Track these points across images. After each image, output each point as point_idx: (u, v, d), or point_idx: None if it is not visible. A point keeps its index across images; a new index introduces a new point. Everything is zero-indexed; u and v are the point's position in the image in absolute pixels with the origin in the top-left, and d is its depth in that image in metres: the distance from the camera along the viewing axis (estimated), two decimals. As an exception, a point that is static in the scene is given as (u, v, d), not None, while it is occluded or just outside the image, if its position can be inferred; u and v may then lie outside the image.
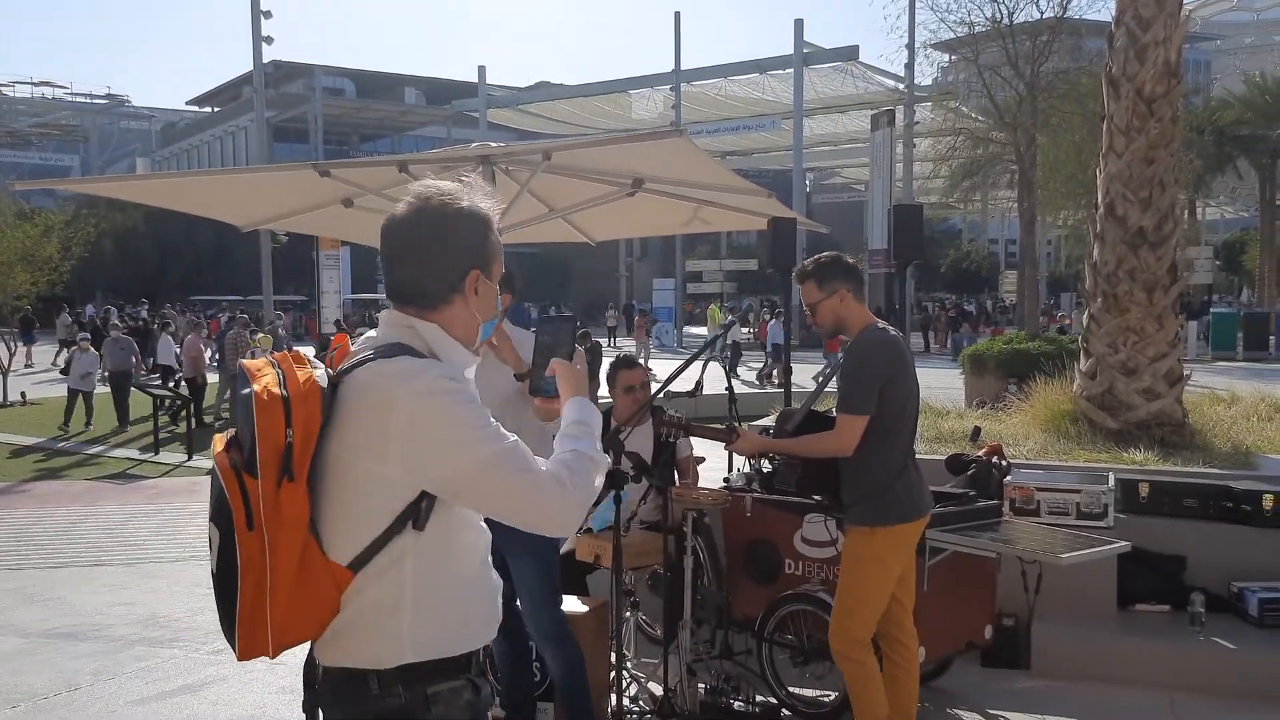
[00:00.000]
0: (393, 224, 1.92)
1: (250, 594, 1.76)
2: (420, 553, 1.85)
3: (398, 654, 1.85)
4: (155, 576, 7.68)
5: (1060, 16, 19.65)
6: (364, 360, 1.84)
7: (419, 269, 1.90)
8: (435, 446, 1.78)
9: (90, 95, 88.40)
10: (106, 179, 12.04)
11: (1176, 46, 7.49)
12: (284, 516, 1.76)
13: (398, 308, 1.94)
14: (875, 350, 3.82)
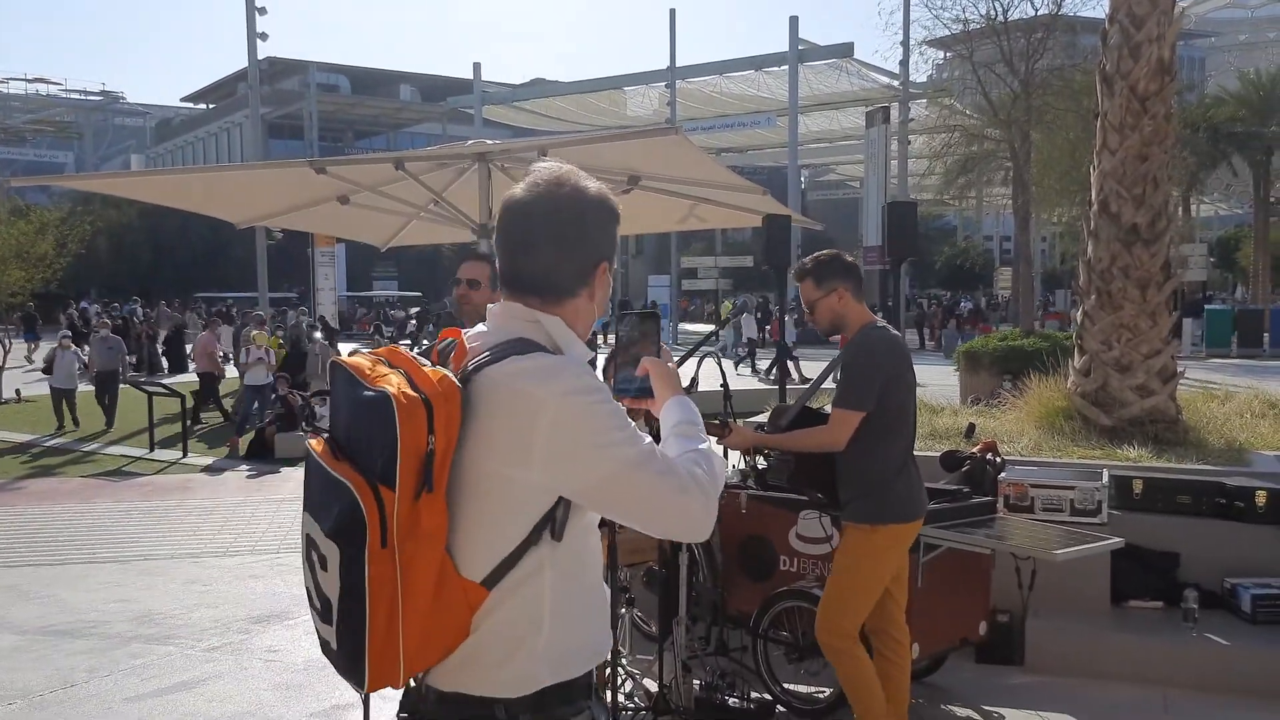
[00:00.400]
0: (522, 209, 1.76)
1: (382, 618, 1.60)
2: (557, 564, 1.71)
3: (533, 678, 1.70)
4: (150, 574, 7.68)
5: (1055, 14, 19.66)
6: (494, 357, 1.68)
7: (552, 259, 1.75)
8: (581, 449, 1.65)
9: (85, 92, 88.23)
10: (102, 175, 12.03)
11: (1170, 44, 7.50)
12: (423, 531, 1.60)
13: (515, 299, 1.78)
14: (878, 348, 3.83)
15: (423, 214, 6.53)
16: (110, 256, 47.42)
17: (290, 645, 5.96)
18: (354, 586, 1.59)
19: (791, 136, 35.79)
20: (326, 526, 1.63)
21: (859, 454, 3.80)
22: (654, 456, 1.69)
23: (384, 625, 1.60)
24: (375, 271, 55.26)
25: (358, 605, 1.59)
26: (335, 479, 1.63)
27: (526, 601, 1.69)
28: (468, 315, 4.13)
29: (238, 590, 7.21)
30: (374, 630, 1.60)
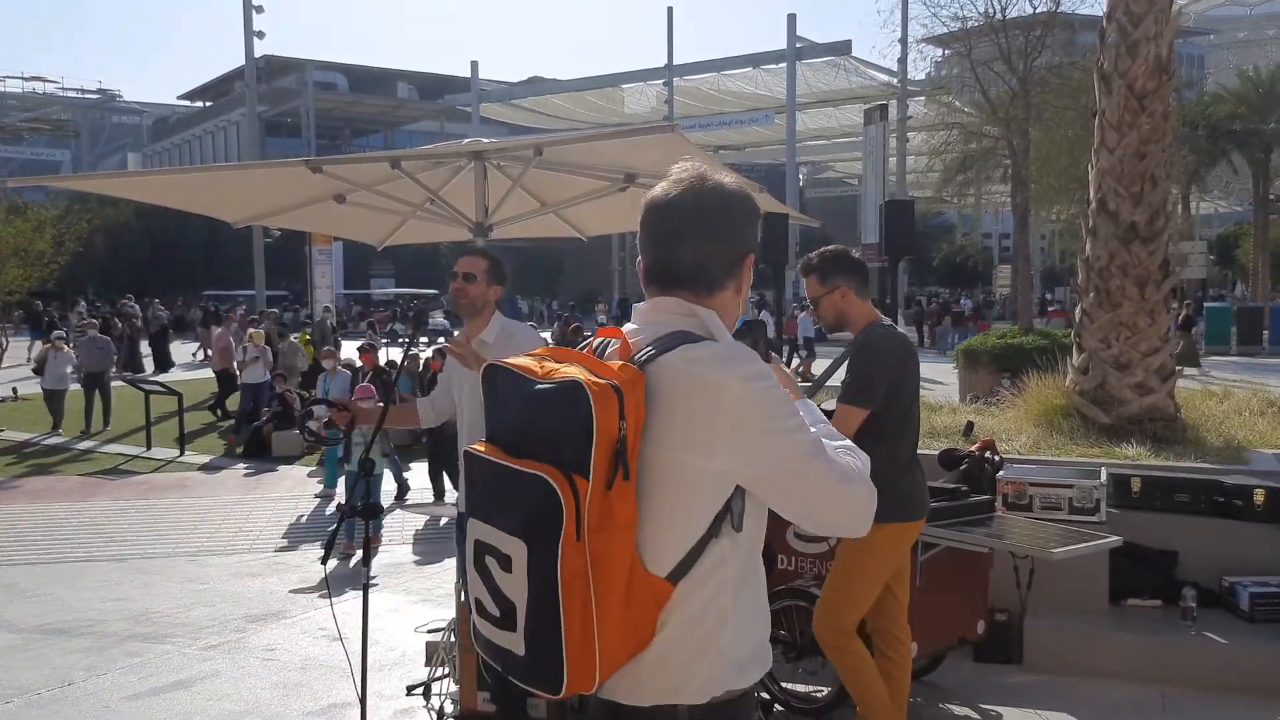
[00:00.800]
0: (669, 205, 1.74)
1: (577, 616, 1.53)
2: (737, 557, 1.67)
3: (721, 680, 1.65)
4: (147, 572, 7.67)
5: (1053, 11, 19.66)
6: (664, 347, 1.64)
7: (706, 250, 1.74)
8: (762, 435, 1.61)
9: (82, 90, 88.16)
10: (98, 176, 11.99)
11: (1168, 42, 7.49)
12: (616, 522, 1.55)
13: (665, 293, 1.76)
14: (882, 346, 3.82)
15: (419, 212, 6.50)
16: (107, 254, 47.39)
17: (288, 643, 5.95)
18: (547, 584, 1.52)
19: (790, 134, 35.79)
20: (512, 524, 1.57)
21: (868, 451, 3.78)
22: (821, 447, 1.68)
23: (579, 624, 1.53)
24: (373, 269, 55.25)
25: (551, 603, 1.52)
26: (523, 473, 1.57)
27: (711, 597, 1.65)
28: (463, 309, 4.13)
29: (235, 589, 7.20)
30: (570, 629, 1.52)
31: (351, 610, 5.70)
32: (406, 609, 6.61)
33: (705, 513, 1.63)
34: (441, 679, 4.91)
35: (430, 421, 4.43)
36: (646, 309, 1.78)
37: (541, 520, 1.53)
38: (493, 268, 4.13)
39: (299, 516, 9.63)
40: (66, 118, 75.85)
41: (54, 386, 15.18)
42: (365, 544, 3.99)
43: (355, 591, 6.65)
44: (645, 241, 1.78)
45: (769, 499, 1.69)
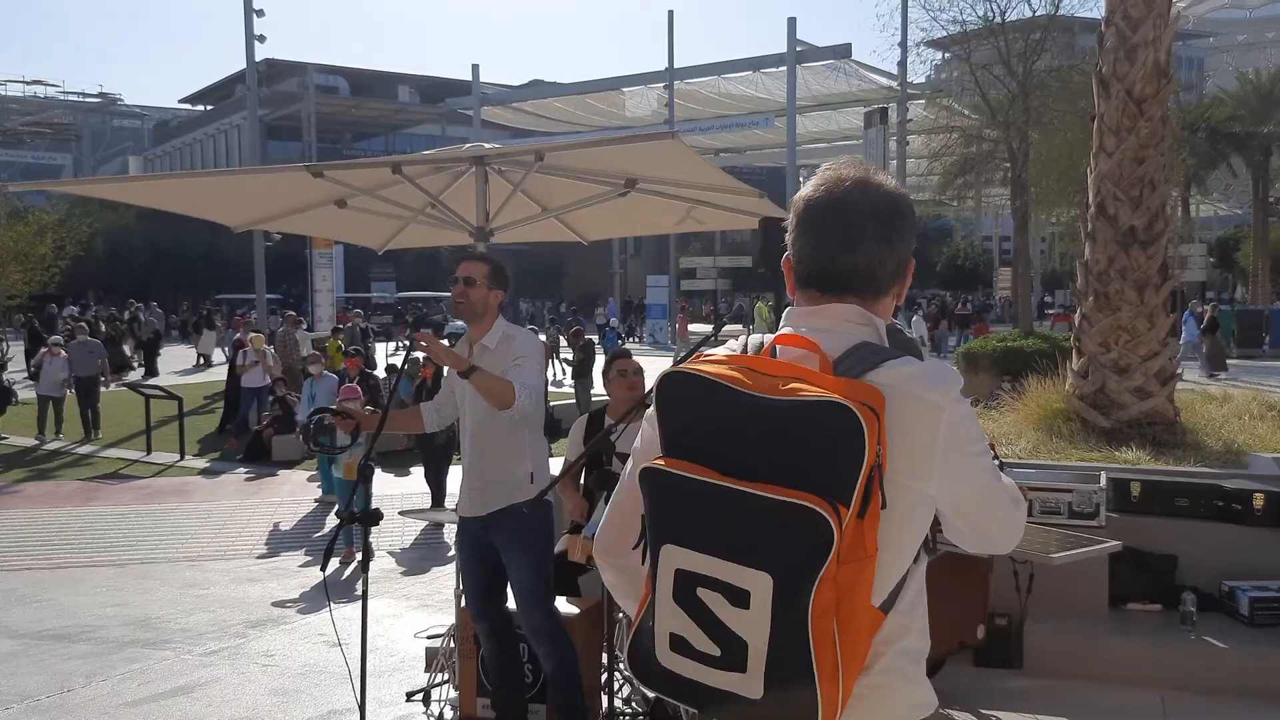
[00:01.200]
0: (836, 205, 1.62)
1: (829, 653, 1.42)
2: (921, 584, 1.63)
3: (927, 701, 1.62)
4: (147, 577, 7.67)
5: (1053, 14, 19.66)
6: (867, 362, 1.54)
7: (877, 253, 1.62)
8: (966, 458, 1.55)
9: (83, 94, 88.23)
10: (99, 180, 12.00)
11: (1166, 47, 7.50)
12: (867, 551, 1.44)
13: (834, 298, 1.64)
14: None
15: (420, 217, 6.51)
16: (108, 258, 47.39)
17: (287, 649, 5.96)
18: (796, 620, 1.40)
19: (790, 137, 35.75)
20: (758, 557, 1.41)
21: None
22: (998, 469, 1.63)
23: (830, 661, 1.41)
24: (373, 273, 55.26)
25: (801, 640, 1.40)
26: (785, 503, 1.40)
27: (912, 625, 1.61)
28: (464, 313, 4.13)
29: (235, 594, 7.20)
30: (821, 667, 1.40)
31: (351, 616, 5.70)
32: (406, 614, 6.61)
33: (918, 538, 1.58)
34: (441, 685, 4.91)
35: (434, 426, 4.44)
36: (816, 314, 1.64)
37: (805, 554, 1.40)
38: (494, 272, 4.13)
39: (299, 521, 9.63)
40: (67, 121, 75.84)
41: (49, 393, 14.98)
42: (364, 550, 3.99)
43: (355, 597, 6.65)
44: (806, 242, 1.65)
45: (958, 521, 1.62)
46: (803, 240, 1.67)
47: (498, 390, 3.75)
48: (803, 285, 1.68)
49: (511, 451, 4.04)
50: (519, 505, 3.97)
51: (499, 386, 3.75)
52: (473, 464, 4.13)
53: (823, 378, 1.48)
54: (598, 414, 5.30)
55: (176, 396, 14.10)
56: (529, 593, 4.09)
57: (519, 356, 3.94)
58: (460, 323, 4.37)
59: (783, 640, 1.41)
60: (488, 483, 4.07)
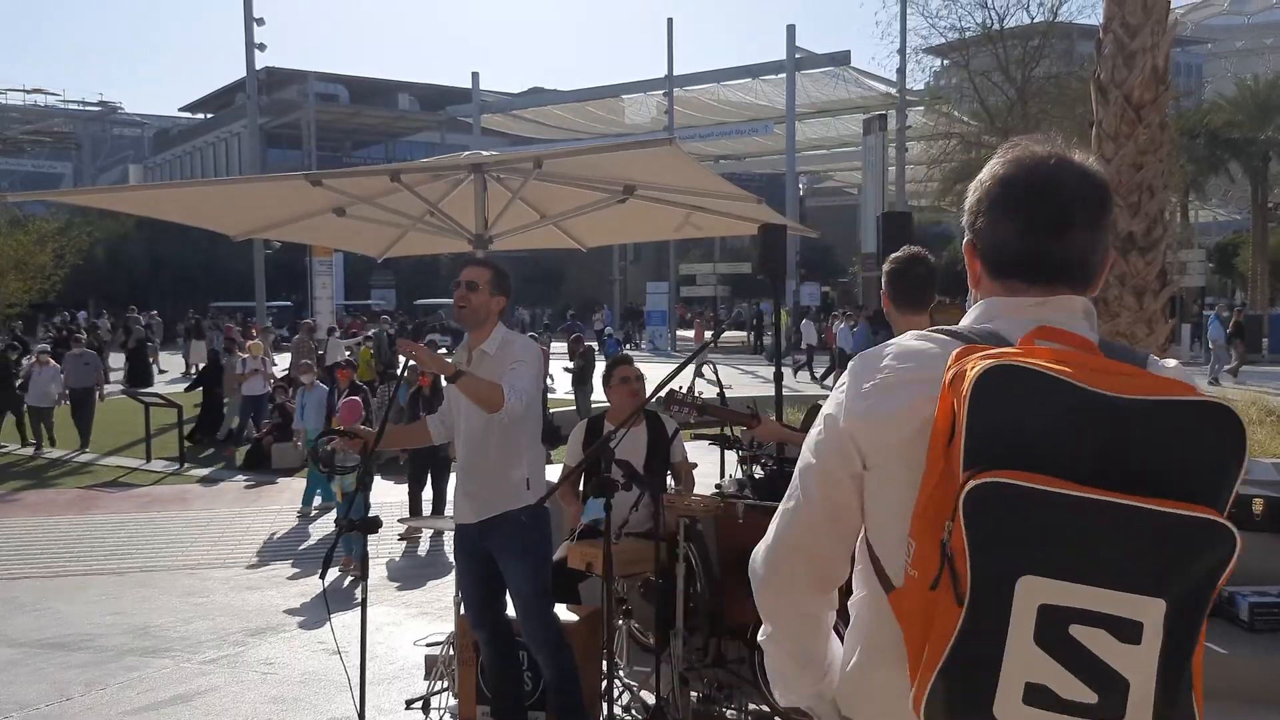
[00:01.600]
0: (1054, 180, 1.43)
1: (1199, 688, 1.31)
2: None
3: None
4: (147, 585, 7.67)
5: (1051, 21, 19.74)
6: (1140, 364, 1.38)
7: (1091, 240, 1.45)
8: None
9: (83, 102, 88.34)
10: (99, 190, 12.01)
11: (1164, 53, 7.51)
12: None
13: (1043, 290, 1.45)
14: None
15: (419, 225, 6.53)
16: (108, 267, 47.44)
17: (287, 657, 5.95)
18: (1184, 651, 1.24)
19: (789, 143, 35.83)
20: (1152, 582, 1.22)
21: None
22: None
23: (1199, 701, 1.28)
24: (373, 280, 55.30)
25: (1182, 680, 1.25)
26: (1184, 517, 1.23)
27: None
28: (466, 318, 4.13)
29: (234, 602, 7.19)
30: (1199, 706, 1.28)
31: (350, 624, 5.68)
32: (405, 622, 6.61)
33: None
34: (440, 693, 4.91)
35: (442, 437, 4.43)
36: (1048, 306, 1.44)
37: (1205, 575, 1.24)
38: (496, 278, 4.11)
39: (299, 529, 9.63)
40: (68, 130, 76.07)
41: (38, 403, 14.56)
42: (363, 558, 3.99)
43: (354, 605, 6.64)
44: (1008, 226, 1.45)
45: None
46: (1003, 224, 1.46)
47: (485, 394, 3.75)
48: (1001, 274, 1.48)
49: (506, 457, 4.03)
50: (516, 512, 3.97)
51: (486, 390, 3.75)
52: (467, 470, 4.13)
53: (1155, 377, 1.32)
54: (597, 419, 5.30)
55: (176, 404, 14.10)
56: (527, 600, 4.09)
57: (515, 361, 3.94)
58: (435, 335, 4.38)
59: (1167, 678, 1.24)
60: (483, 489, 4.07)
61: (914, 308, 3.72)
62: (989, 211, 1.48)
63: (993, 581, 1.23)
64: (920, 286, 3.78)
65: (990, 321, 1.46)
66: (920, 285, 3.79)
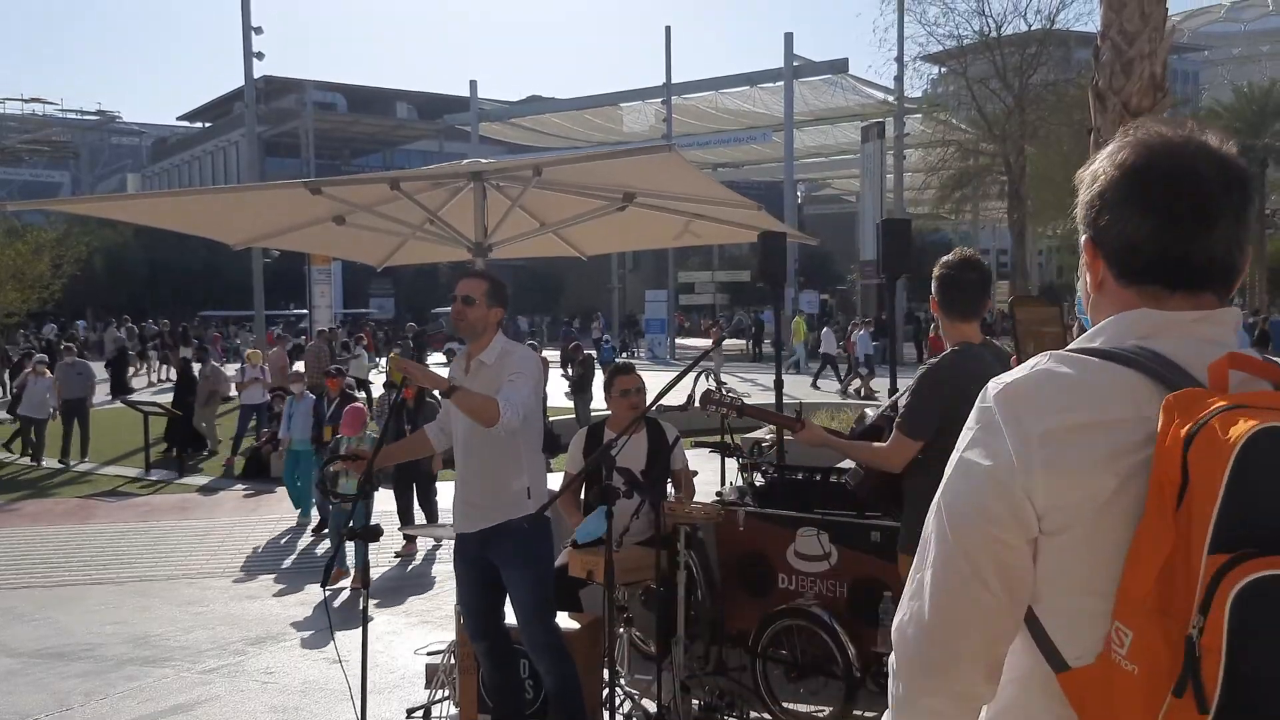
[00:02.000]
0: (1193, 168, 1.22)
1: None
2: None
3: None
4: (146, 595, 7.65)
5: (1048, 29, 19.79)
6: None
7: (1236, 237, 1.25)
8: None
9: (81, 111, 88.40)
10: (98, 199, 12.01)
11: (1162, 60, 7.52)
12: None
13: (1188, 297, 1.25)
14: (942, 376, 3.53)
15: (419, 233, 6.53)
16: (106, 276, 47.45)
17: (287, 667, 5.93)
18: None
19: (787, 151, 35.89)
20: None
21: (915, 481, 3.56)
22: None
23: None
24: (372, 289, 55.31)
25: None
26: None
27: None
28: (464, 331, 4.14)
29: (234, 611, 7.18)
30: None
31: (351, 633, 5.68)
32: (405, 631, 6.59)
33: None
34: (441, 701, 4.89)
35: (442, 444, 4.44)
36: (1210, 322, 1.25)
37: None
38: (492, 290, 4.12)
39: (298, 538, 9.61)
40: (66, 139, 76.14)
41: (31, 414, 14.21)
42: (364, 566, 3.98)
43: (355, 614, 6.63)
44: (1143, 223, 1.23)
45: None
46: (1135, 221, 1.24)
47: (480, 408, 3.75)
48: (1134, 279, 1.27)
49: (505, 467, 4.03)
50: (518, 521, 3.96)
51: (480, 403, 3.74)
52: (466, 480, 4.12)
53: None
54: (597, 427, 5.30)
55: (176, 413, 14.08)
56: (529, 610, 4.08)
57: (513, 373, 3.94)
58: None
59: None
60: (483, 499, 4.06)
61: (966, 316, 3.63)
62: (1116, 207, 1.26)
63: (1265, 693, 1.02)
64: (975, 293, 3.67)
65: (1146, 339, 1.24)
66: (975, 292, 3.68)
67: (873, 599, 4.63)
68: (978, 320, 3.66)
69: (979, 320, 3.67)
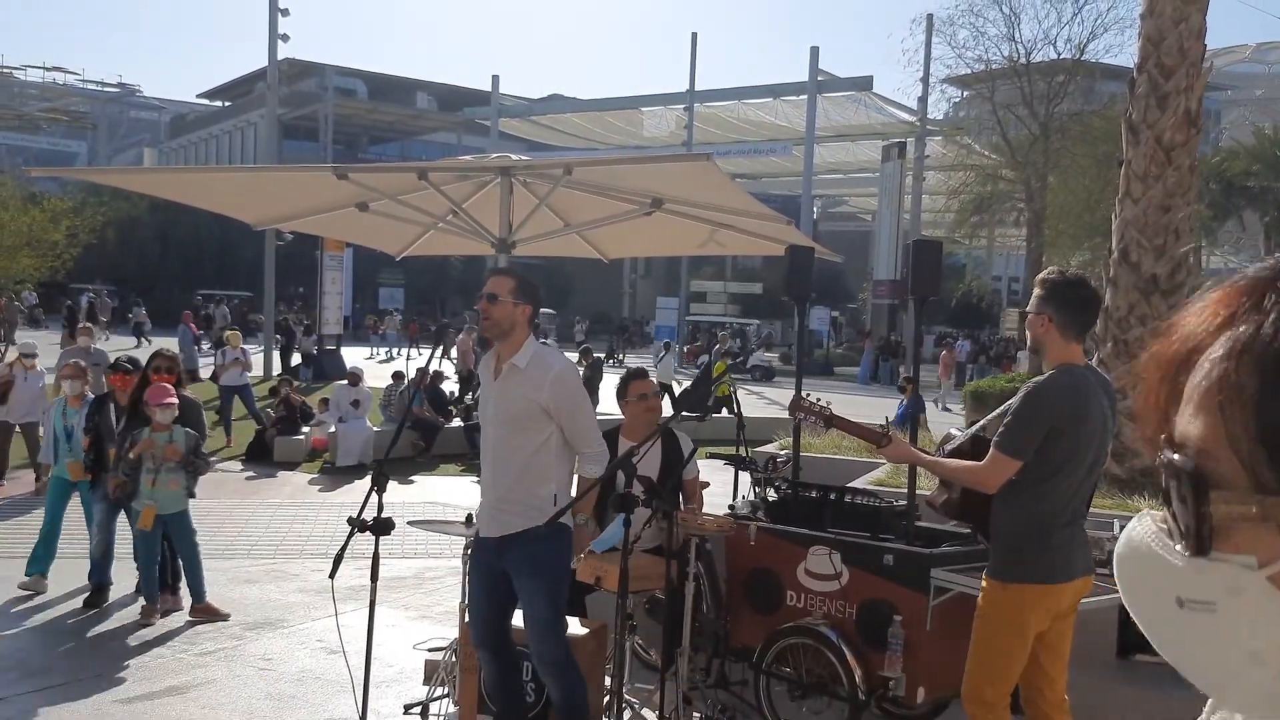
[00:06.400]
0: None
1: None
2: None
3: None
4: (145, 572, 7.59)
5: (1078, 58, 19.74)
6: None
7: None
8: None
9: (102, 83, 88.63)
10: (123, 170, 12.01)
11: (1198, 96, 7.49)
12: None
13: None
14: (1051, 396, 3.48)
15: (441, 225, 6.49)
16: (117, 248, 47.44)
17: (284, 654, 5.88)
18: None
19: (807, 166, 35.89)
20: None
21: (1009, 503, 3.52)
22: None
23: None
24: (382, 278, 55.29)
25: None
26: None
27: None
28: (489, 330, 4.07)
29: (232, 594, 7.13)
30: None
31: (349, 624, 5.63)
32: (405, 625, 6.54)
33: None
34: (440, 699, 4.84)
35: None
36: None
37: None
38: (519, 287, 4.00)
39: (299, 524, 9.56)
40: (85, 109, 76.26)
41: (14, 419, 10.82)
42: (374, 558, 3.93)
43: (354, 605, 6.57)
44: None
45: None
46: None
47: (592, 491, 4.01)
48: None
49: (535, 472, 3.94)
50: (537, 529, 3.88)
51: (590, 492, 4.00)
52: (493, 482, 4.04)
53: None
54: (611, 434, 5.25)
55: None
56: (541, 623, 4.00)
57: (568, 407, 3.94)
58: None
59: None
60: (509, 503, 3.98)
61: (1080, 335, 3.57)
62: None
63: None
64: (1093, 312, 3.66)
65: None
66: (1093, 311, 3.66)
67: (882, 622, 4.58)
68: (1083, 341, 3.63)
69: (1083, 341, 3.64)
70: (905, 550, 4.67)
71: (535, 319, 4.06)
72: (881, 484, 6.74)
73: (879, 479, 7.07)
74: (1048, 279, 3.61)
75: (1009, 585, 3.59)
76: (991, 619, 3.65)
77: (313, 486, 11.37)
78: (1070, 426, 3.49)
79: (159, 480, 6.32)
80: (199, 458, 6.61)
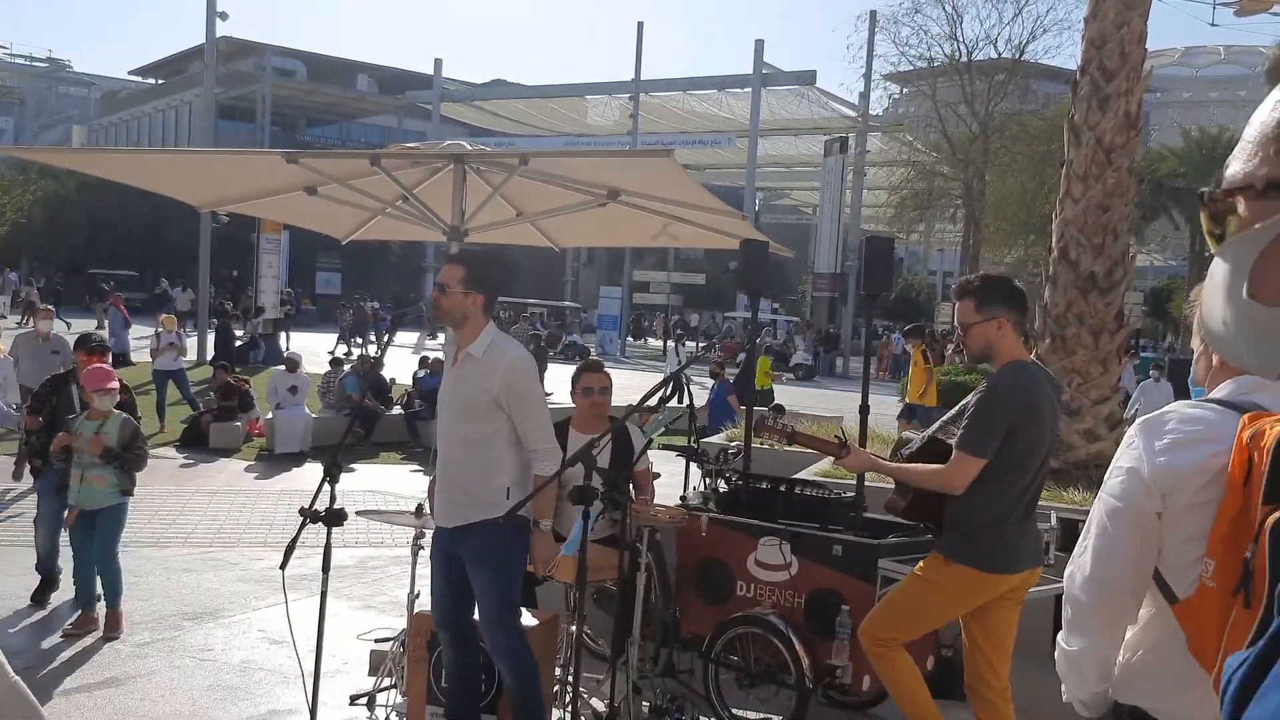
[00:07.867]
0: None
1: None
2: None
3: None
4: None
5: (1017, 58, 20.12)
6: None
7: None
8: None
9: (30, 57, 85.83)
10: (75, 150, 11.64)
11: (1137, 99, 7.68)
12: None
13: None
14: (1009, 393, 3.54)
15: (390, 210, 6.42)
16: (44, 228, 46.05)
17: (225, 645, 5.79)
18: None
19: (750, 158, 36.04)
20: None
21: (963, 499, 3.57)
22: None
23: None
24: (319, 262, 54.39)
25: None
26: None
27: None
28: (441, 319, 4.04)
29: (170, 584, 6.99)
30: None
31: (294, 614, 5.54)
32: (347, 615, 6.47)
33: None
34: (387, 689, 4.80)
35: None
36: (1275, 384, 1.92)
37: None
38: (470, 275, 3.91)
39: (237, 512, 9.40)
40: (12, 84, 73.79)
41: None
42: (326, 549, 3.89)
43: (296, 595, 6.48)
44: None
45: None
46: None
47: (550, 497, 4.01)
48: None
49: (487, 464, 3.91)
50: (493, 521, 3.85)
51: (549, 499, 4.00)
52: (445, 473, 4.01)
53: None
54: (561, 425, 5.23)
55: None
56: (493, 611, 4.00)
57: (521, 402, 3.87)
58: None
59: None
60: (461, 495, 3.96)
61: (1024, 331, 3.81)
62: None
63: None
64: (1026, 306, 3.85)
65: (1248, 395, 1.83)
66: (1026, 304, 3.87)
67: (830, 611, 4.65)
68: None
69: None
70: (853, 541, 4.74)
71: (491, 307, 4.00)
72: (828, 475, 6.82)
73: (824, 469, 7.16)
74: (989, 283, 3.65)
75: (953, 564, 3.67)
76: (925, 581, 3.74)
77: (249, 474, 11.18)
78: (1026, 423, 3.57)
79: (85, 476, 5.75)
80: (133, 450, 5.92)
